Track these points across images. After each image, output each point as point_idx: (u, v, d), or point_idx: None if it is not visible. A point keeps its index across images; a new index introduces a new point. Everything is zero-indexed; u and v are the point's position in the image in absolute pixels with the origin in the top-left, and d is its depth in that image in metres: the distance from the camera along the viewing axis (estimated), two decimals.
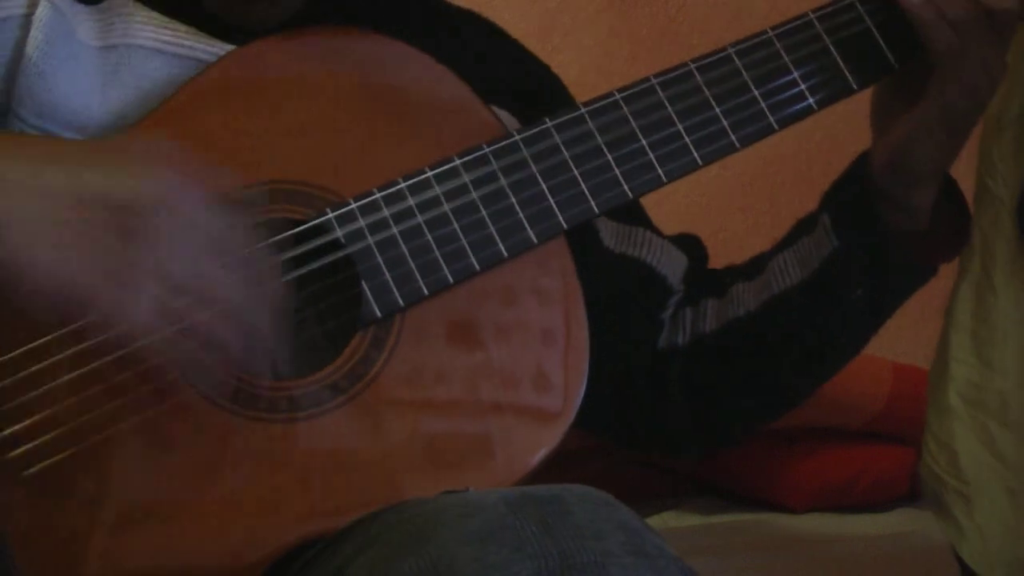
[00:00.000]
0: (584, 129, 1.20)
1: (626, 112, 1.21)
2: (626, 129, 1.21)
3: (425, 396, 1.15)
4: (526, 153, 1.19)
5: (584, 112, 1.21)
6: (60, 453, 1.08)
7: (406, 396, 1.15)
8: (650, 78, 1.22)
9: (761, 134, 1.23)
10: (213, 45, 1.22)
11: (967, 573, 1.34)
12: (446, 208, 1.18)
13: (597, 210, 1.20)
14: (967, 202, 1.32)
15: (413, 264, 1.16)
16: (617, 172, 1.20)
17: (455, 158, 1.18)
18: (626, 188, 1.20)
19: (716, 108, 1.22)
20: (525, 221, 1.18)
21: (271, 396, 1.13)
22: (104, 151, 1.13)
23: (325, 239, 1.16)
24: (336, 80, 1.20)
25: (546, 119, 1.21)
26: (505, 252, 1.18)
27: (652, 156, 1.21)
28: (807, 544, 1.82)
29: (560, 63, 1.44)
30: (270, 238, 1.15)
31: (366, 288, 1.16)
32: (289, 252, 1.16)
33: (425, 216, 1.17)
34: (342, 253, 1.16)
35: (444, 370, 1.15)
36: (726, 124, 1.22)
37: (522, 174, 1.19)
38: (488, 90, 1.24)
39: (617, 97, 1.22)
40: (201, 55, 1.22)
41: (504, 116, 1.24)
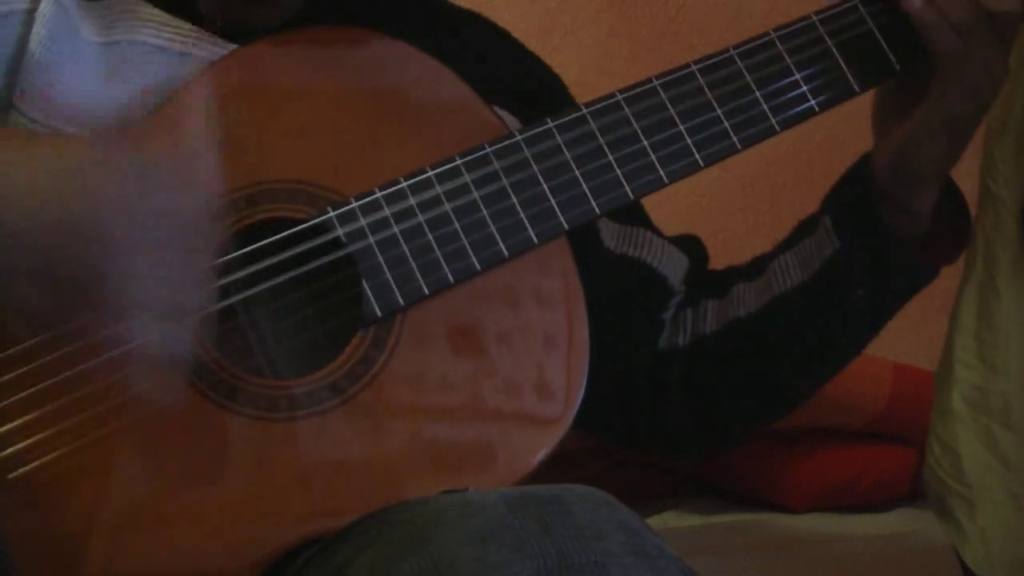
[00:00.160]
0: (586, 130, 1.20)
1: (628, 113, 1.21)
2: (628, 130, 1.21)
3: (426, 397, 1.15)
4: (528, 153, 1.19)
5: (586, 113, 1.21)
6: (54, 452, 1.08)
7: (406, 397, 1.14)
8: (652, 79, 1.22)
9: (763, 135, 1.23)
10: (215, 44, 1.22)
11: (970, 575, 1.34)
12: (447, 208, 1.17)
13: (598, 211, 1.20)
14: (967, 203, 1.32)
15: (414, 263, 1.16)
16: (619, 173, 1.20)
17: (456, 157, 1.18)
18: (627, 189, 1.20)
19: (718, 109, 1.22)
20: (526, 221, 1.18)
21: (271, 395, 1.13)
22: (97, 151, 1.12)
23: (326, 238, 1.16)
24: (337, 80, 1.20)
25: (548, 119, 1.21)
26: (506, 252, 1.18)
27: (654, 157, 1.21)
28: (807, 544, 1.81)
29: (560, 63, 1.44)
30: (272, 236, 1.16)
31: (367, 287, 1.16)
32: (290, 250, 1.16)
33: (426, 215, 1.17)
34: (343, 252, 1.16)
35: (445, 372, 1.15)
36: (728, 125, 1.22)
37: (523, 174, 1.19)
38: (489, 90, 1.24)
39: (619, 98, 1.22)
40: (203, 54, 1.21)
41: (505, 116, 1.24)
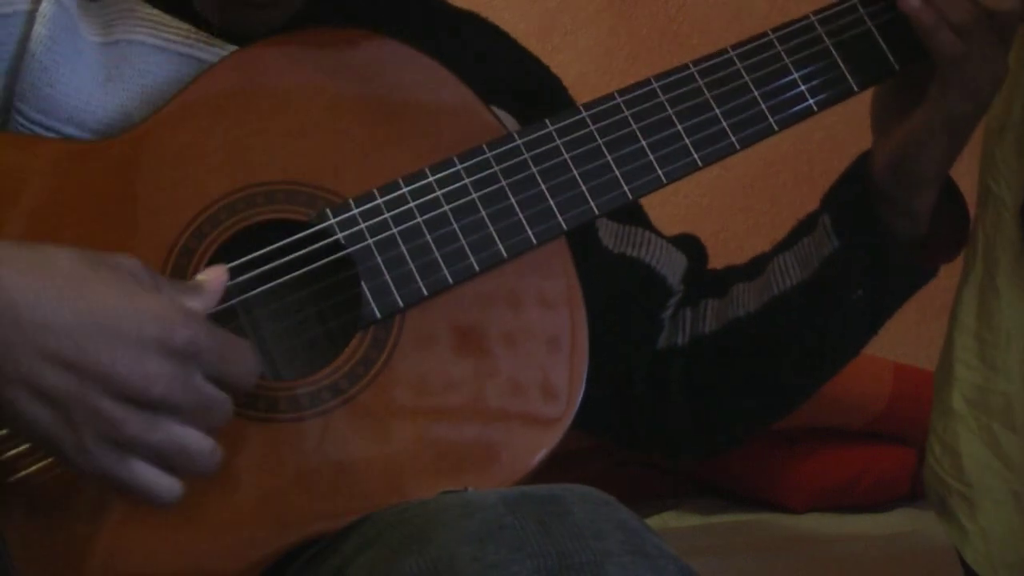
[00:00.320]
0: (584, 131, 1.20)
1: (626, 114, 1.21)
2: (626, 131, 1.21)
3: (425, 398, 1.15)
4: (526, 154, 1.19)
5: (584, 115, 1.21)
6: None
7: (406, 397, 1.14)
8: (650, 80, 1.22)
9: (761, 135, 1.23)
10: (214, 45, 1.22)
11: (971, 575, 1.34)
12: (446, 209, 1.17)
13: (597, 211, 1.20)
14: (966, 203, 1.32)
15: (413, 265, 1.16)
16: (617, 173, 1.20)
17: (455, 159, 1.18)
18: (626, 189, 1.20)
19: (716, 109, 1.22)
20: (525, 222, 1.18)
21: (271, 396, 1.13)
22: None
23: (325, 240, 1.16)
24: (336, 81, 1.20)
25: (546, 121, 1.20)
26: (505, 253, 1.17)
27: (652, 157, 1.21)
28: (808, 544, 1.81)
29: (560, 63, 1.44)
30: (270, 237, 1.16)
31: (366, 289, 1.16)
32: (290, 252, 1.16)
33: (425, 217, 1.17)
34: (342, 253, 1.16)
35: (444, 372, 1.15)
36: (726, 125, 1.22)
37: (522, 175, 1.19)
38: (488, 90, 1.24)
39: (618, 100, 1.21)
40: (202, 55, 1.22)
41: (504, 117, 1.24)
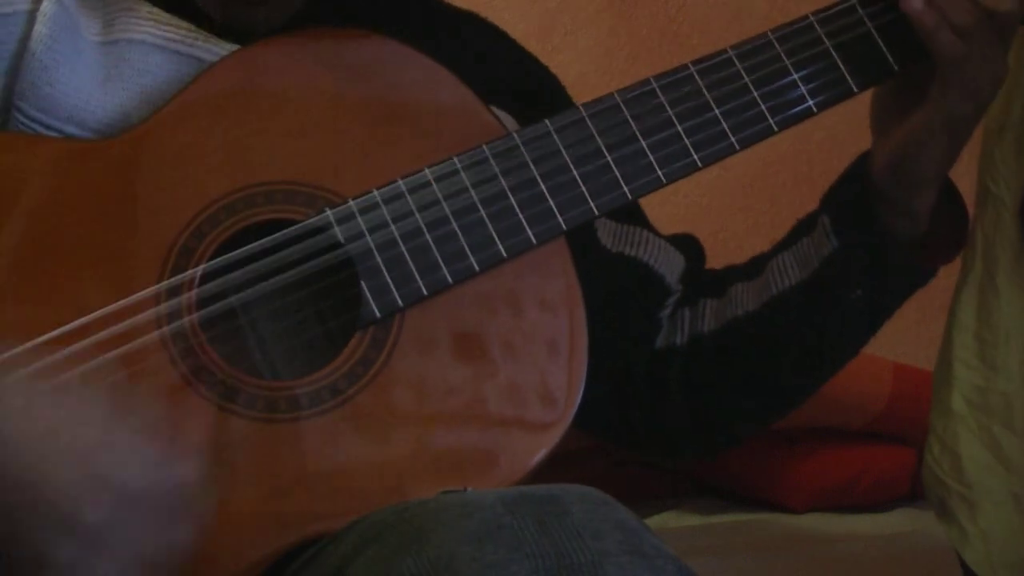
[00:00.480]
0: (584, 131, 1.20)
1: (626, 114, 1.21)
2: (626, 131, 1.21)
3: (425, 398, 1.15)
4: (526, 154, 1.19)
5: (584, 115, 1.21)
6: None
7: (405, 398, 1.14)
8: (650, 80, 1.22)
9: (761, 136, 1.23)
10: (214, 44, 1.22)
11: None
12: (445, 209, 1.17)
13: (597, 212, 1.20)
14: (965, 203, 1.32)
15: (412, 264, 1.16)
16: (617, 174, 1.20)
17: (455, 159, 1.18)
18: (626, 190, 1.20)
19: (716, 110, 1.22)
20: (524, 222, 1.18)
21: (270, 396, 1.13)
22: None
23: (324, 238, 1.16)
24: (336, 81, 1.20)
25: (546, 121, 1.20)
26: (504, 253, 1.17)
27: (652, 158, 1.21)
28: (807, 544, 1.81)
29: (560, 63, 1.44)
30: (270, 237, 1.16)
31: (365, 288, 1.16)
32: (289, 251, 1.16)
33: (424, 216, 1.17)
34: (340, 251, 1.16)
35: (444, 373, 1.15)
36: (726, 126, 1.22)
37: (522, 175, 1.19)
38: (488, 91, 1.24)
39: (617, 100, 1.21)
40: (202, 54, 1.22)
41: (504, 117, 1.24)
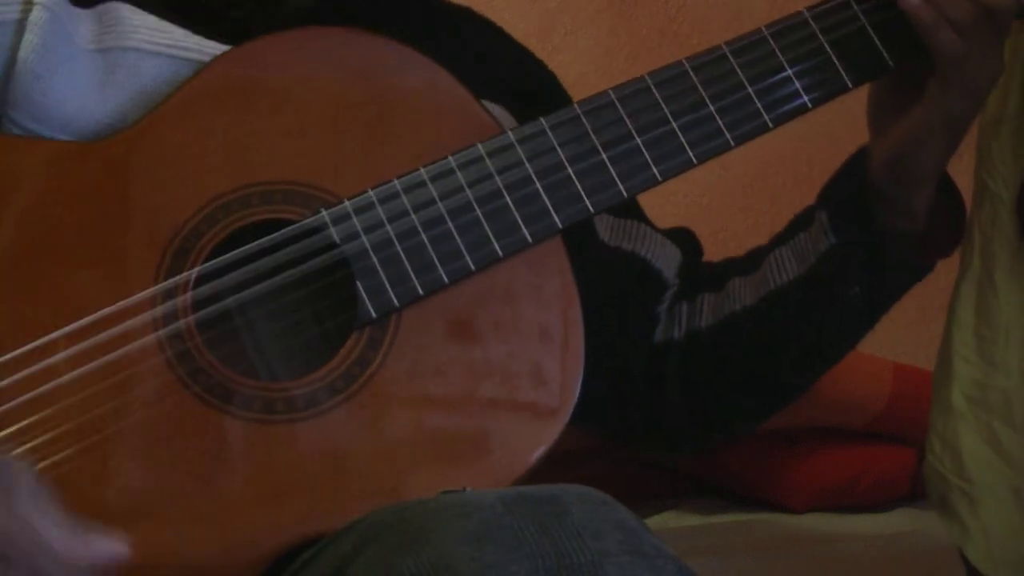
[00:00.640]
0: (579, 128, 1.20)
1: (621, 111, 1.21)
2: (621, 128, 1.21)
3: (422, 396, 1.15)
4: (521, 153, 1.19)
5: (579, 112, 1.21)
6: (52, 457, 1.08)
7: (402, 398, 1.14)
8: (644, 77, 1.22)
9: (756, 132, 1.23)
10: (209, 46, 1.22)
11: (972, 574, 1.33)
12: (441, 208, 1.17)
13: (592, 210, 1.19)
14: (962, 197, 1.32)
15: (408, 264, 1.16)
16: (612, 171, 1.20)
17: (450, 158, 1.18)
18: (621, 187, 1.20)
19: (711, 106, 1.22)
20: (520, 221, 1.18)
21: (267, 397, 1.13)
22: None
23: (320, 239, 1.16)
24: (332, 81, 1.20)
25: (541, 119, 1.20)
26: (500, 252, 1.17)
27: (647, 155, 1.21)
28: (807, 544, 1.81)
29: (560, 63, 1.45)
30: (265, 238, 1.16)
31: (361, 288, 1.16)
32: (284, 252, 1.16)
33: (420, 216, 1.17)
34: (336, 252, 1.16)
35: (441, 370, 1.15)
36: (721, 123, 1.22)
37: (517, 174, 1.19)
38: (488, 90, 1.25)
39: (612, 97, 1.21)
40: (197, 56, 1.21)
41: (499, 112, 1.23)
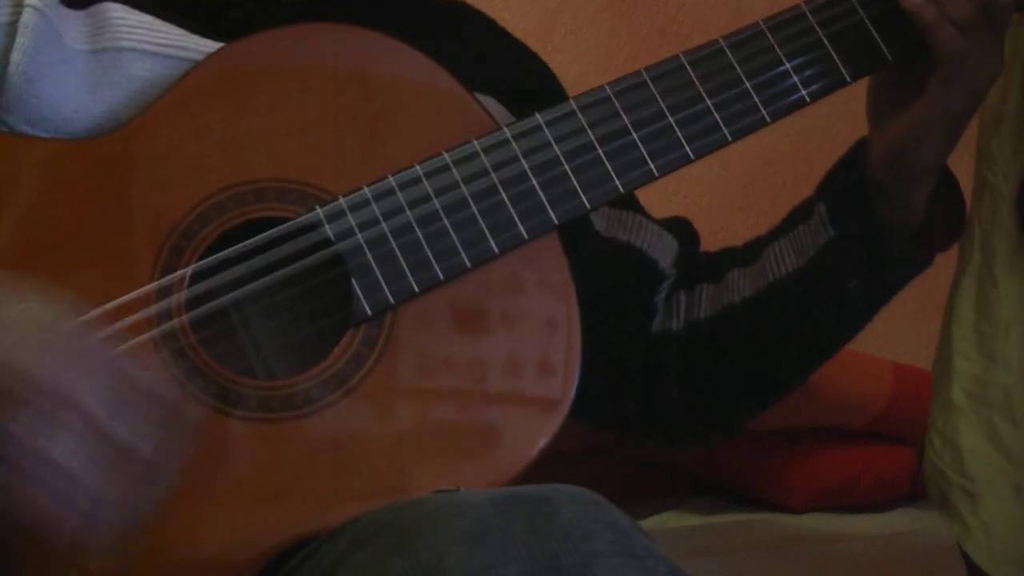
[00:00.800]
0: (575, 124, 1.20)
1: (617, 107, 1.20)
2: (617, 124, 1.20)
3: (418, 393, 1.14)
4: (517, 149, 1.19)
5: (575, 108, 1.20)
6: None
7: (399, 393, 1.14)
8: (641, 72, 1.21)
9: (754, 127, 1.22)
10: (206, 45, 1.22)
11: (973, 571, 1.33)
12: (436, 205, 1.17)
13: (589, 206, 1.19)
14: (961, 189, 1.31)
15: (403, 261, 1.16)
16: (608, 167, 1.20)
17: (445, 155, 1.18)
18: (618, 183, 1.20)
19: (708, 101, 1.21)
20: (516, 217, 1.18)
21: (262, 396, 1.13)
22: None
23: (315, 236, 1.16)
24: (327, 78, 1.20)
25: (537, 115, 1.20)
26: (496, 249, 1.17)
27: (644, 151, 1.20)
28: (807, 544, 1.81)
29: (560, 63, 1.44)
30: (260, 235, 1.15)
31: (356, 286, 1.15)
32: (279, 250, 1.15)
33: (415, 213, 1.17)
34: (331, 250, 1.16)
35: (435, 369, 1.15)
36: (718, 117, 1.21)
37: (513, 170, 1.18)
38: (486, 88, 1.24)
39: (608, 92, 1.21)
40: (191, 55, 1.21)
41: (495, 108, 1.23)
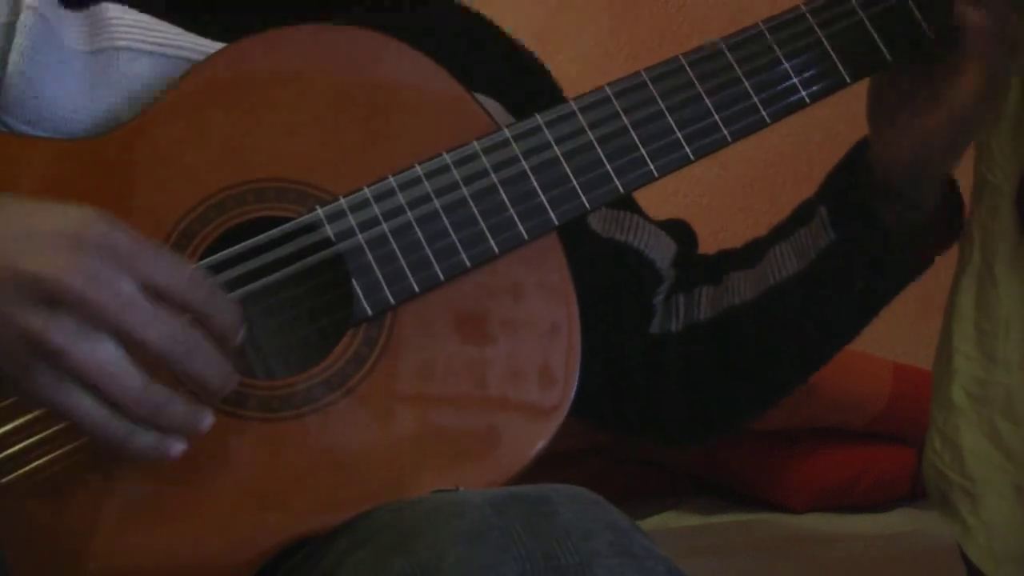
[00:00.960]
0: (575, 125, 1.20)
1: (617, 107, 1.20)
2: (617, 124, 1.20)
3: (417, 395, 1.15)
4: (516, 149, 1.19)
5: (575, 108, 1.20)
6: (51, 454, 1.08)
7: (397, 395, 1.14)
8: (641, 73, 1.21)
9: (753, 128, 1.22)
10: (201, 44, 1.22)
11: (973, 571, 1.33)
12: (436, 205, 1.17)
13: (588, 206, 1.19)
14: (959, 188, 1.31)
15: (404, 261, 1.16)
16: (608, 168, 1.20)
17: (445, 155, 1.18)
18: (618, 184, 1.20)
19: (707, 102, 1.21)
20: (516, 217, 1.18)
21: (263, 395, 1.13)
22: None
23: (315, 236, 1.16)
24: (328, 78, 1.20)
25: (536, 115, 1.20)
26: (496, 249, 1.17)
27: (643, 151, 1.20)
28: (807, 544, 1.81)
29: (560, 63, 1.44)
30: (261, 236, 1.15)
31: (356, 286, 1.15)
32: (279, 250, 1.15)
33: (415, 213, 1.17)
34: (332, 250, 1.16)
35: (435, 369, 1.15)
36: (718, 118, 1.21)
37: (513, 170, 1.18)
38: (484, 87, 1.24)
39: (608, 92, 1.21)
40: (190, 55, 1.21)
41: (491, 104, 1.23)
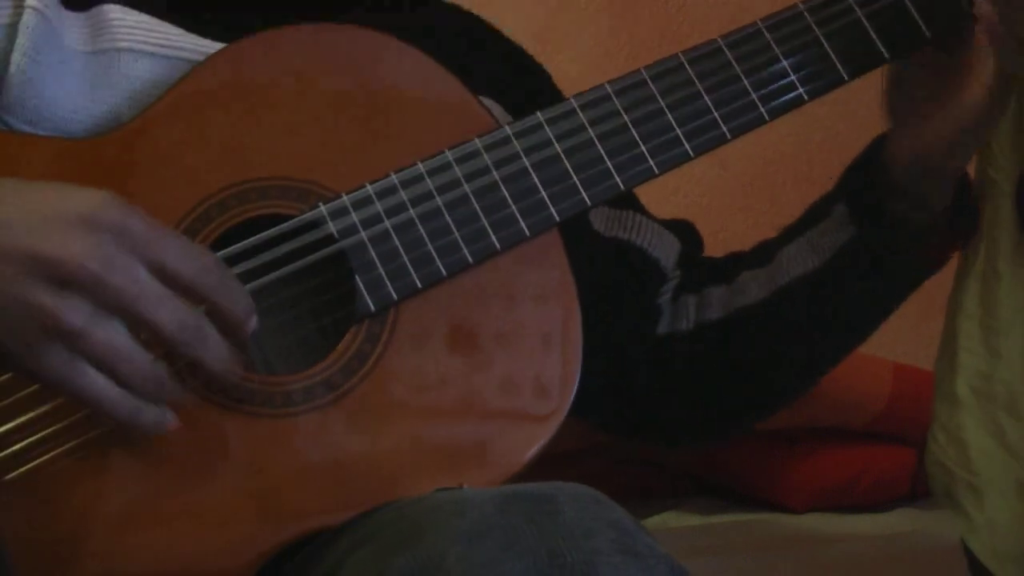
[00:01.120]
0: (575, 122, 1.20)
1: (617, 105, 1.21)
2: (617, 121, 1.21)
3: (419, 392, 1.15)
4: (518, 146, 1.19)
5: (575, 105, 1.21)
6: (51, 452, 1.08)
7: (400, 392, 1.14)
8: (640, 71, 1.22)
9: (752, 124, 1.23)
10: (202, 45, 1.22)
11: (976, 567, 1.33)
12: (438, 202, 1.17)
13: (589, 202, 1.19)
14: (972, 189, 1.31)
15: (406, 258, 1.16)
16: (609, 164, 1.20)
17: (447, 152, 1.18)
18: (618, 180, 1.20)
19: (706, 99, 1.22)
20: (518, 214, 1.18)
21: (265, 392, 1.13)
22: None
23: (318, 233, 1.16)
24: (329, 77, 1.20)
25: (537, 113, 1.20)
26: (498, 245, 1.17)
27: (643, 148, 1.21)
28: (807, 544, 1.81)
29: (560, 63, 1.45)
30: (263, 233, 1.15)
31: (359, 282, 1.16)
32: (283, 247, 1.15)
33: (418, 210, 1.17)
34: (335, 247, 1.16)
35: (438, 366, 1.15)
36: (716, 115, 1.22)
37: (514, 167, 1.19)
38: (483, 86, 1.24)
39: (608, 90, 1.22)
40: (191, 55, 1.21)
41: (493, 107, 1.23)
